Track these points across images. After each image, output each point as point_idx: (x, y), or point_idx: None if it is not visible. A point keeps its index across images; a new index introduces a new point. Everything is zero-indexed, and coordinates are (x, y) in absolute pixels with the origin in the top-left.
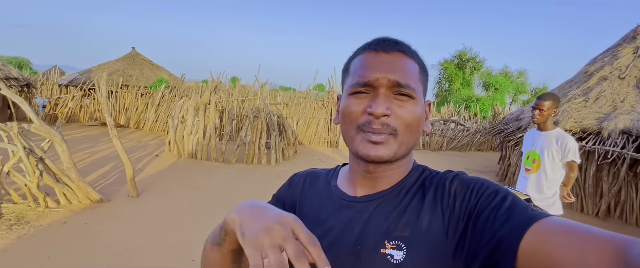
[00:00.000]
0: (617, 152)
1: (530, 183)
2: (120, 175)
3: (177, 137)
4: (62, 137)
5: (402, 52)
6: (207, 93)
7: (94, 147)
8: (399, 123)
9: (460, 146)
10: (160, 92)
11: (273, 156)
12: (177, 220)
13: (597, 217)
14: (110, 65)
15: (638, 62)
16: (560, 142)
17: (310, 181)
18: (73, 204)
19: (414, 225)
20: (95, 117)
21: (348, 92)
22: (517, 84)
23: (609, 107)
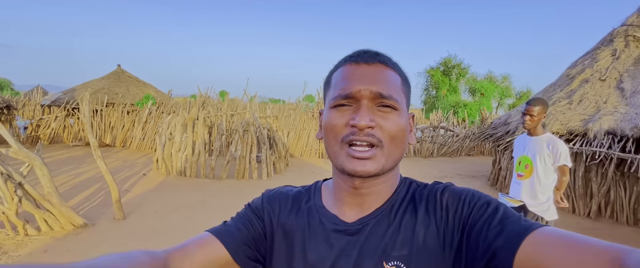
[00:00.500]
0: (604, 152)
1: (523, 188)
2: (106, 197)
3: (165, 155)
4: (43, 161)
5: (384, 64)
6: (195, 108)
7: (78, 168)
8: (384, 135)
9: (451, 152)
10: (147, 109)
11: (264, 170)
12: (166, 242)
13: (588, 217)
14: (95, 84)
15: (617, 64)
16: (552, 146)
17: (292, 205)
18: (55, 231)
19: (411, 242)
20: (79, 137)
21: (330, 105)
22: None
23: (593, 108)
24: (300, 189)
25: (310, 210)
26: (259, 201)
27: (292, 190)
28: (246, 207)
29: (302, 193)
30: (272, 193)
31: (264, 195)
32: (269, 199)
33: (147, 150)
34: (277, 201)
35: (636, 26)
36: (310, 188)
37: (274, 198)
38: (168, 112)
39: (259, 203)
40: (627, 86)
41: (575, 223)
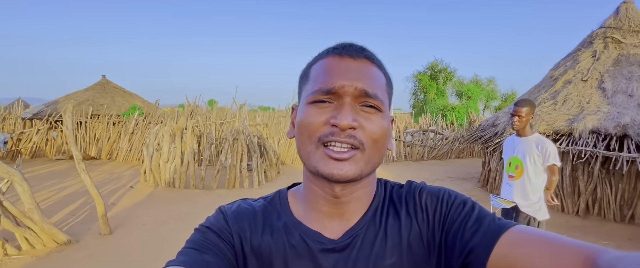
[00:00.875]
0: (590, 151)
1: (515, 189)
2: (91, 212)
3: (152, 166)
4: (23, 176)
5: (370, 60)
6: (183, 118)
7: (62, 182)
8: (366, 137)
9: (441, 155)
10: (134, 120)
11: (255, 178)
12: (155, 257)
13: (577, 215)
14: (79, 95)
15: (597, 65)
16: (541, 146)
17: (263, 223)
18: (37, 249)
19: (400, 247)
20: (63, 150)
21: (307, 100)
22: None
23: (577, 108)
24: (263, 202)
25: (287, 227)
26: (221, 221)
27: (256, 204)
28: (203, 229)
29: (268, 208)
30: (235, 209)
31: (225, 213)
32: (236, 217)
33: (134, 162)
34: (246, 220)
35: (614, 28)
36: (274, 200)
37: (241, 216)
38: (155, 122)
39: (222, 224)
40: (608, 86)
41: (565, 221)
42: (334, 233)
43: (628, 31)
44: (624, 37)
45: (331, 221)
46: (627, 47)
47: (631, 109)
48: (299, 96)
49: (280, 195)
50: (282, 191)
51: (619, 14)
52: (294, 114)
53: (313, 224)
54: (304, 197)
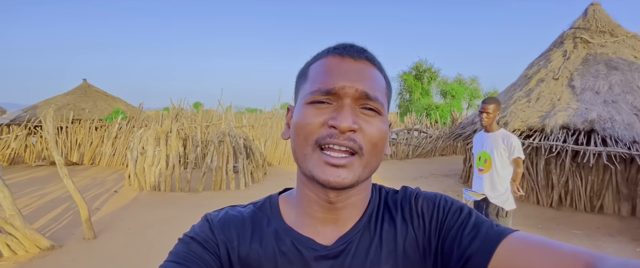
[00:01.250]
0: (560, 145)
1: (485, 182)
2: (75, 217)
3: (137, 170)
4: (3, 182)
5: (371, 62)
6: (168, 121)
7: (43, 188)
8: (366, 141)
9: (425, 153)
10: (117, 124)
11: (242, 180)
12: (140, 260)
13: (551, 207)
14: (59, 100)
15: (568, 64)
16: (506, 141)
17: (252, 230)
18: (19, 255)
19: (395, 254)
20: (43, 156)
21: (306, 101)
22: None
23: (549, 105)
24: (252, 208)
25: (278, 234)
26: (206, 230)
27: (245, 210)
28: (187, 240)
29: (258, 214)
30: (222, 217)
31: (211, 221)
32: (222, 226)
33: (118, 167)
34: (233, 228)
35: (583, 29)
36: (265, 205)
37: (228, 224)
38: (140, 126)
39: (208, 234)
40: (577, 84)
41: (539, 213)
42: (327, 240)
43: (595, 31)
44: (592, 37)
45: (325, 227)
46: (595, 47)
47: (598, 105)
48: (296, 96)
49: (270, 200)
50: (273, 196)
51: (587, 15)
52: (290, 114)
53: (305, 230)
54: (296, 202)
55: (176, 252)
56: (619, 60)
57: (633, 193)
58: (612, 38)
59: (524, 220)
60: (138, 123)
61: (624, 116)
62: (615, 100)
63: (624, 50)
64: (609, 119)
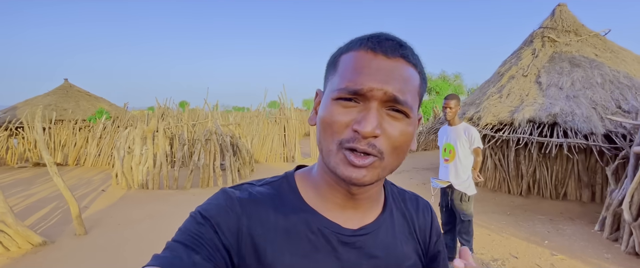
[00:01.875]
0: (526, 137)
1: (450, 171)
2: (64, 215)
3: (124, 169)
4: None
5: (406, 59)
6: (154, 120)
7: (29, 189)
8: (387, 145)
9: None
10: (102, 124)
11: (229, 177)
12: (134, 249)
13: (520, 195)
14: (39, 100)
15: (536, 62)
16: (467, 133)
17: (267, 212)
18: (11, 251)
19: (412, 253)
20: (25, 157)
21: (333, 96)
22: (454, 86)
23: (518, 101)
24: (271, 189)
25: (302, 217)
26: (224, 209)
27: (264, 190)
28: (200, 219)
29: (278, 194)
30: (243, 196)
31: (230, 199)
32: (242, 205)
33: (103, 167)
34: (254, 208)
35: (550, 28)
36: (282, 184)
37: (250, 204)
38: (125, 125)
39: (214, 209)
40: (543, 80)
41: (510, 201)
42: (350, 224)
43: (561, 31)
44: (558, 36)
45: (344, 212)
46: (560, 46)
47: (561, 100)
48: (325, 83)
49: (286, 178)
50: (290, 176)
51: (554, 16)
52: (318, 99)
53: (329, 214)
54: (316, 184)
55: (186, 231)
56: (581, 58)
57: (593, 181)
58: (576, 37)
59: (495, 207)
60: (123, 123)
61: (583, 110)
62: (576, 95)
63: (586, 49)
64: (570, 113)
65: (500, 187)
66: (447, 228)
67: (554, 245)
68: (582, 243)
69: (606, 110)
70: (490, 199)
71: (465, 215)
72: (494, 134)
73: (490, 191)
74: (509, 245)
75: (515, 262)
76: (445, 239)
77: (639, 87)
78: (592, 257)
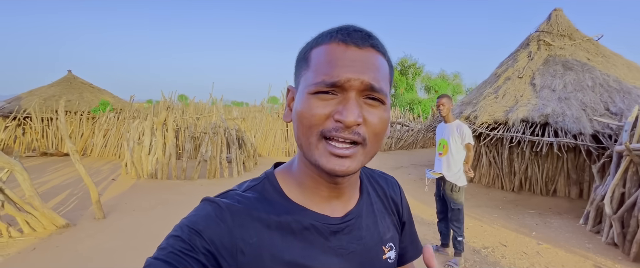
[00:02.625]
0: (519, 136)
1: (443, 163)
2: (79, 202)
3: (134, 159)
4: (22, 166)
5: (375, 48)
6: (164, 112)
7: (40, 177)
8: (369, 131)
9: (407, 145)
10: (106, 116)
11: (235, 169)
12: (151, 233)
13: (513, 191)
14: (43, 91)
15: (531, 64)
16: (459, 129)
17: (253, 218)
18: (38, 232)
19: (390, 226)
20: (33, 147)
21: (309, 91)
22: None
23: (512, 101)
24: (254, 193)
25: (291, 215)
26: (212, 221)
27: (249, 195)
28: (188, 233)
29: (263, 197)
30: (229, 203)
31: (218, 209)
32: (233, 214)
33: (110, 157)
34: (240, 216)
35: (546, 32)
36: (265, 186)
37: (238, 213)
38: (132, 117)
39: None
40: (537, 82)
41: (503, 196)
42: (336, 213)
43: (557, 35)
44: (553, 40)
45: (330, 203)
46: (555, 49)
47: (553, 102)
48: (296, 79)
49: (269, 180)
50: (270, 175)
51: (550, 20)
52: (291, 95)
53: (315, 208)
54: (299, 180)
55: (168, 247)
56: (574, 62)
57: (581, 179)
58: (570, 41)
59: (488, 202)
60: (128, 115)
61: (573, 111)
62: (567, 97)
63: (579, 53)
64: (561, 114)
65: (494, 183)
66: (441, 216)
67: (540, 236)
68: (567, 235)
69: (595, 112)
70: (484, 194)
71: (456, 204)
72: (489, 133)
73: (485, 187)
74: (499, 235)
75: (504, 249)
76: (439, 227)
77: (627, 91)
78: (575, 246)
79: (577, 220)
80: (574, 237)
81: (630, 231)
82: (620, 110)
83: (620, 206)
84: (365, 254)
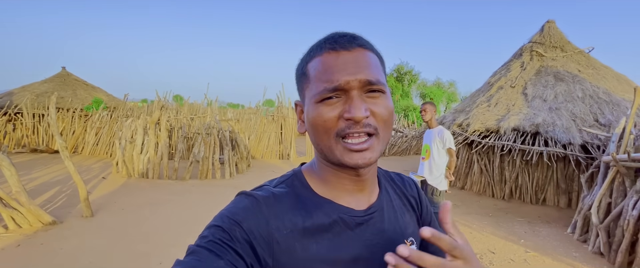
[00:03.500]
0: (510, 145)
1: (425, 167)
2: (68, 199)
3: (126, 157)
4: (10, 161)
5: (363, 47)
6: (158, 111)
7: (30, 174)
8: (379, 121)
9: (401, 151)
10: (99, 114)
11: (227, 170)
12: (138, 233)
13: (503, 199)
14: (36, 87)
15: (523, 74)
16: (441, 135)
17: (288, 211)
18: (23, 228)
19: (410, 221)
20: (23, 143)
21: (316, 100)
22: (448, 93)
23: (504, 110)
24: (286, 188)
25: (320, 209)
26: (251, 212)
27: (280, 189)
28: (229, 223)
29: (290, 191)
30: (264, 196)
31: (257, 200)
32: (268, 206)
33: (101, 156)
34: (277, 208)
35: (539, 43)
36: (294, 182)
37: (273, 205)
38: (125, 115)
39: (243, 214)
40: (529, 92)
41: (493, 204)
42: (360, 206)
43: (549, 46)
44: (545, 51)
45: (354, 196)
46: (547, 60)
47: (544, 111)
48: (301, 93)
49: (295, 175)
50: (298, 173)
51: (543, 32)
52: (299, 109)
53: (341, 201)
54: (323, 177)
55: (210, 235)
56: (565, 73)
57: (570, 188)
58: (562, 53)
59: (479, 209)
60: (122, 113)
61: (563, 121)
62: (558, 107)
63: (570, 64)
64: (551, 123)
65: (484, 191)
66: None
67: (528, 243)
68: (554, 243)
69: (584, 122)
70: (474, 202)
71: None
72: (480, 140)
73: (476, 194)
74: (487, 242)
75: (492, 256)
76: None
77: (616, 103)
78: (562, 255)
79: (565, 229)
80: (562, 245)
81: (615, 240)
82: (609, 121)
83: (607, 216)
84: (388, 246)
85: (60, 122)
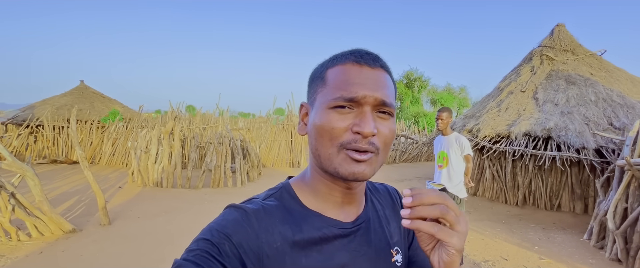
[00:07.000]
0: (522, 150)
1: (443, 176)
2: (86, 208)
3: (141, 167)
4: (34, 172)
5: (384, 68)
6: (171, 121)
7: (50, 184)
8: (381, 141)
9: (411, 158)
10: (115, 125)
11: (239, 178)
12: (155, 240)
13: (516, 205)
14: (56, 100)
15: (534, 78)
16: (458, 141)
17: (277, 224)
18: (45, 236)
19: (395, 230)
20: (43, 154)
21: (328, 105)
22: (459, 99)
23: (515, 115)
24: (275, 201)
25: (307, 221)
26: (240, 225)
27: (270, 202)
28: (217, 236)
29: (279, 204)
30: (254, 208)
31: (246, 212)
32: (258, 219)
33: (118, 166)
34: (265, 221)
35: (549, 47)
36: (283, 195)
37: (263, 218)
38: (140, 126)
39: (243, 230)
40: (540, 96)
41: (506, 211)
42: (348, 218)
43: (559, 50)
44: (556, 55)
45: (343, 208)
46: (557, 64)
47: (555, 116)
48: (311, 95)
49: (286, 190)
50: (286, 185)
51: (553, 35)
52: (304, 110)
53: (329, 213)
54: (313, 189)
55: (198, 249)
56: (577, 76)
57: (586, 194)
58: (573, 56)
59: (492, 216)
60: (137, 124)
61: (576, 125)
62: (570, 111)
63: (582, 68)
64: (563, 128)
65: (497, 197)
66: None
67: (543, 250)
68: (570, 250)
69: (598, 126)
70: (487, 208)
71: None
72: (491, 146)
73: (488, 201)
74: (500, 249)
75: (505, 263)
76: None
77: (631, 106)
78: (578, 262)
79: (581, 236)
80: (577, 252)
81: (633, 247)
82: (624, 124)
83: (623, 221)
84: (375, 257)
85: (79, 133)
